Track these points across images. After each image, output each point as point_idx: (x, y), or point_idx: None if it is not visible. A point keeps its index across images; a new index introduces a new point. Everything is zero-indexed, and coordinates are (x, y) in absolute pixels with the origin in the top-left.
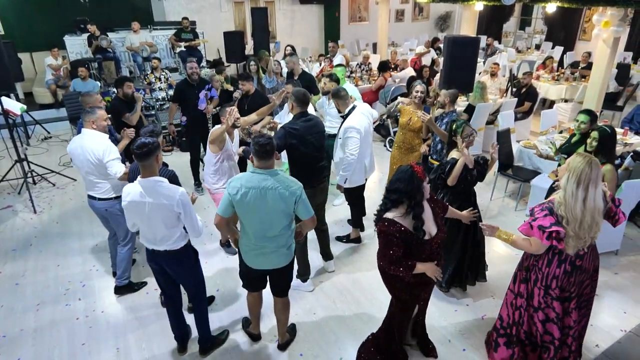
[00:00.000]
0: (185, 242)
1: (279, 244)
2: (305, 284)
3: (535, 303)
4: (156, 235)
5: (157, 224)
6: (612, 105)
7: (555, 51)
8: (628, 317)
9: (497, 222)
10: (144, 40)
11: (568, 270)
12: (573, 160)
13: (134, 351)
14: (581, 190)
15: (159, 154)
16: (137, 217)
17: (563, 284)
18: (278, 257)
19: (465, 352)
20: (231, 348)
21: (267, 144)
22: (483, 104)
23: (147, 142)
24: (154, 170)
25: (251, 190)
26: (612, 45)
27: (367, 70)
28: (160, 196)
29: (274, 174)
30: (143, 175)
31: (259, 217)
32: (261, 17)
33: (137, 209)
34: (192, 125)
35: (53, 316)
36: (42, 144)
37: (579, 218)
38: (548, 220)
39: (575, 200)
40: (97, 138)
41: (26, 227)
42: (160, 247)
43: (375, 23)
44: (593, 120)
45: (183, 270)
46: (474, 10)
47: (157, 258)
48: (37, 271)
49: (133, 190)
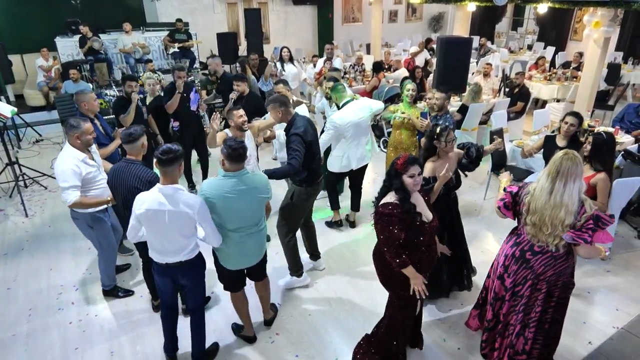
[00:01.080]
0: (198, 251)
1: (257, 239)
2: (301, 279)
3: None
4: (172, 246)
5: (174, 233)
6: (603, 104)
7: (547, 51)
8: (620, 314)
9: (490, 222)
10: (137, 41)
11: (516, 255)
12: (557, 154)
13: (128, 355)
14: (549, 182)
15: (182, 162)
16: (152, 227)
17: (507, 265)
18: (255, 254)
19: (459, 351)
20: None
21: (240, 148)
22: (476, 104)
23: (172, 148)
24: (175, 178)
25: (226, 194)
26: (602, 46)
27: (361, 71)
28: (181, 204)
29: (243, 174)
30: (164, 182)
31: (240, 217)
32: (254, 19)
33: (156, 217)
34: (185, 126)
35: (46, 320)
36: (34, 146)
37: (539, 210)
38: (509, 192)
39: (541, 190)
40: (68, 158)
41: (18, 230)
42: (175, 259)
43: (369, 24)
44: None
45: (196, 279)
46: (466, 11)
47: (171, 271)
48: (29, 275)
49: (150, 198)
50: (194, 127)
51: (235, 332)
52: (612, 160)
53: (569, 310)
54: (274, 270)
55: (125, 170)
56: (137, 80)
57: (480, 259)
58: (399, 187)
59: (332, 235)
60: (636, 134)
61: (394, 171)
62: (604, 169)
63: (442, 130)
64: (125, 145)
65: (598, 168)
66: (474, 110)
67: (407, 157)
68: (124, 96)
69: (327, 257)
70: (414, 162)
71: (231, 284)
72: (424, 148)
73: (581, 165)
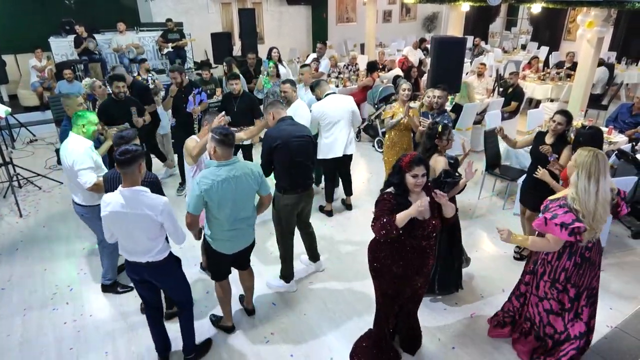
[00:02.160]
0: (167, 253)
1: (249, 223)
2: (288, 285)
3: (541, 293)
4: (137, 247)
5: (138, 235)
6: (597, 104)
7: (540, 51)
8: (614, 312)
9: (485, 221)
10: (131, 41)
11: (578, 262)
12: (579, 156)
13: (122, 355)
14: (593, 184)
15: (142, 162)
16: (117, 228)
17: (572, 276)
18: (246, 237)
19: (454, 350)
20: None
21: (230, 134)
22: (470, 104)
23: (130, 149)
24: (136, 179)
25: (224, 182)
26: (596, 45)
27: (355, 71)
28: (143, 206)
29: (235, 161)
30: (124, 185)
31: (233, 203)
32: (249, 18)
33: (118, 219)
34: (180, 128)
35: (40, 321)
36: (28, 147)
37: (592, 211)
38: (569, 217)
39: (588, 194)
40: (76, 145)
41: (12, 231)
42: (142, 259)
43: (363, 24)
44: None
45: (168, 280)
46: (460, 11)
47: (139, 269)
48: (23, 276)
49: (114, 200)
50: (187, 127)
51: (214, 324)
52: None
53: None
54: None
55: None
56: (125, 80)
57: (475, 257)
58: (396, 183)
59: (329, 236)
60: (629, 133)
61: (398, 167)
62: None
63: (444, 128)
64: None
65: None
66: (468, 109)
67: (413, 157)
68: (112, 96)
69: (322, 258)
70: (419, 163)
71: (219, 273)
72: (424, 147)
73: (606, 160)
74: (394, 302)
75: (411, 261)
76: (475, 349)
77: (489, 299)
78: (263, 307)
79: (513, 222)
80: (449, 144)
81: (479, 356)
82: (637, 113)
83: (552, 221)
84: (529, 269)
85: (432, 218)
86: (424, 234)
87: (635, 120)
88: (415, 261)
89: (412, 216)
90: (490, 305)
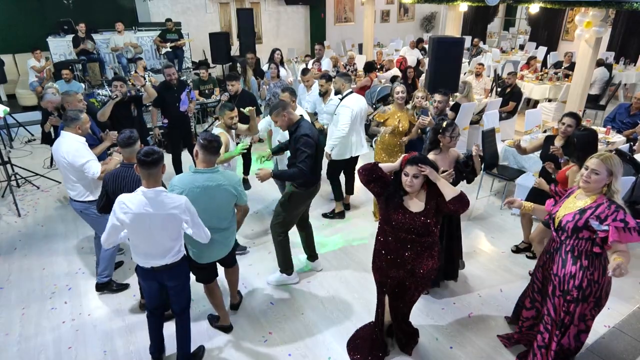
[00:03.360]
0: (183, 253)
1: (224, 236)
2: (291, 277)
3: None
4: (157, 249)
5: (160, 237)
6: (595, 104)
7: (538, 51)
8: (611, 312)
9: (483, 221)
10: (129, 41)
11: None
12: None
13: (121, 354)
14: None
15: (164, 164)
16: (138, 231)
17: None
18: (221, 248)
19: (452, 350)
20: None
21: (215, 141)
22: (468, 104)
23: (156, 149)
24: (159, 180)
25: (198, 189)
26: (594, 46)
27: (353, 70)
28: (167, 206)
29: (215, 171)
30: (147, 185)
31: (205, 212)
32: (247, 19)
33: (139, 221)
34: (173, 127)
35: (39, 320)
36: (26, 146)
37: None
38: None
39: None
40: (73, 141)
41: (10, 230)
42: (161, 262)
43: (361, 24)
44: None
45: (181, 282)
46: (458, 11)
47: (157, 275)
48: (22, 275)
49: (137, 201)
50: (182, 127)
51: (211, 323)
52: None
53: None
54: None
55: (126, 175)
56: (125, 80)
57: (473, 257)
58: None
59: (326, 236)
60: (627, 133)
61: (401, 161)
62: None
63: (448, 125)
64: (124, 149)
65: (574, 161)
66: (465, 109)
67: (410, 156)
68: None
69: (320, 257)
70: (412, 163)
71: (204, 276)
72: (429, 141)
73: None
74: (380, 288)
75: (390, 251)
76: (473, 348)
77: (487, 299)
78: (261, 306)
79: (511, 221)
80: (452, 141)
81: (477, 356)
82: (635, 113)
83: (624, 229)
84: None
85: (423, 214)
86: (405, 226)
87: (633, 120)
88: (393, 252)
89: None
90: (488, 305)
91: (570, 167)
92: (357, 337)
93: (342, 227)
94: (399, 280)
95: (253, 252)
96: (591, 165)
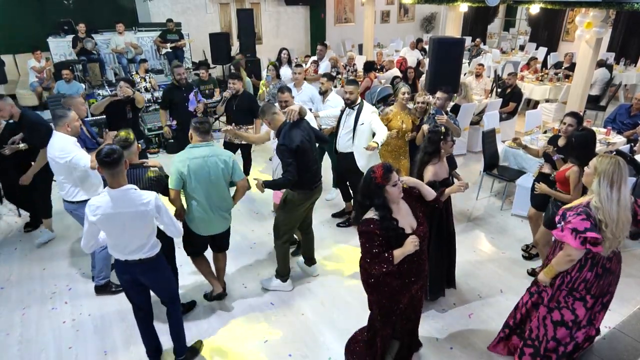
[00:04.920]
0: (158, 249)
1: (223, 210)
2: (285, 284)
3: (553, 303)
4: (131, 245)
5: (133, 233)
6: (595, 105)
7: (539, 52)
8: (612, 314)
9: (483, 222)
10: (129, 41)
11: (599, 273)
12: (600, 163)
13: (121, 354)
14: (615, 192)
15: (126, 162)
16: (111, 229)
17: (592, 287)
18: (221, 222)
19: (452, 351)
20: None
21: (206, 122)
22: (468, 104)
23: (115, 148)
24: (123, 179)
25: (197, 159)
26: (594, 46)
27: (353, 71)
28: (136, 203)
29: (209, 144)
30: (113, 185)
31: (206, 182)
32: (247, 19)
33: (111, 221)
34: (182, 128)
35: (39, 320)
36: None
37: (615, 219)
38: (583, 225)
39: (610, 202)
40: (61, 140)
41: (11, 230)
42: (135, 257)
43: (361, 24)
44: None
45: (158, 277)
46: (458, 12)
47: (131, 268)
48: (22, 275)
49: (103, 203)
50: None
51: (208, 298)
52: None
53: None
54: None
55: (128, 176)
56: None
57: (473, 259)
58: (381, 205)
59: (327, 237)
60: (628, 134)
61: (374, 186)
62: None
63: (447, 130)
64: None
65: (573, 161)
66: (464, 110)
67: (383, 167)
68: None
69: (321, 258)
70: (391, 170)
71: (196, 250)
72: (425, 152)
73: (626, 167)
74: (392, 312)
75: (408, 270)
76: (473, 350)
77: (487, 300)
78: (261, 307)
79: (511, 222)
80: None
81: (477, 357)
82: (635, 114)
83: (566, 227)
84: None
85: (419, 224)
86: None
87: (634, 121)
88: (412, 269)
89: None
90: (488, 306)
91: (571, 168)
92: (355, 340)
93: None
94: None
95: (253, 253)
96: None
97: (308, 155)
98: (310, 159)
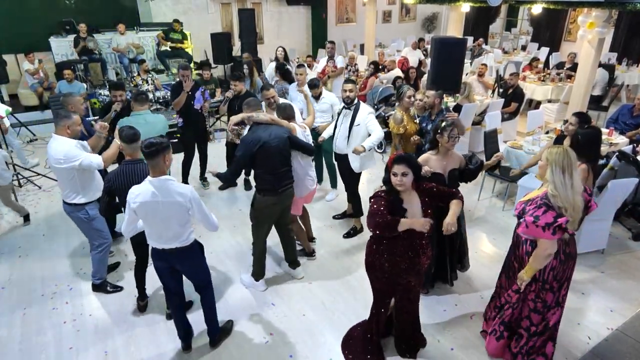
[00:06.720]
0: (193, 238)
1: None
2: (257, 283)
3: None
4: (167, 234)
5: (170, 222)
6: (598, 105)
7: (541, 52)
8: (615, 315)
9: (485, 222)
10: (131, 41)
11: (563, 259)
12: (550, 154)
13: (122, 354)
14: (567, 178)
15: (168, 153)
16: (149, 217)
17: (558, 273)
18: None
19: (453, 352)
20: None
21: (143, 94)
22: (469, 104)
23: (154, 141)
24: (162, 169)
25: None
26: (597, 46)
27: (354, 71)
28: (173, 194)
29: (146, 112)
30: (153, 174)
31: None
32: (248, 19)
33: (150, 209)
34: (188, 126)
35: (40, 320)
36: (28, 146)
37: (572, 203)
38: (550, 215)
39: (565, 187)
40: (63, 144)
41: (12, 230)
42: (172, 245)
43: (363, 24)
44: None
45: (193, 264)
46: (460, 12)
47: (168, 256)
48: (23, 275)
49: (144, 191)
50: (196, 125)
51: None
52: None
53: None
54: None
55: (133, 172)
56: (124, 89)
57: (474, 259)
58: (386, 180)
59: (327, 237)
60: (630, 134)
61: (387, 166)
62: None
63: (447, 125)
64: (129, 145)
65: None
66: (466, 110)
67: (395, 156)
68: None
69: (321, 258)
70: (399, 161)
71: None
72: (428, 140)
73: (574, 155)
74: (385, 296)
75: (403, 259)
76: (475, 350)
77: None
78: (262, 307)
79: (513, 223)
80: (450, 142)
81: (478, 358)
82: (637, 114)
83: (534, 224)
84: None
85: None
86: (419, 233)
87: (636, 121)
88: (407, 259)
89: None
90: None
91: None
92: (350, 337)
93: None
94: (411, 284)
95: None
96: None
97: (273, 158)
98: (275, 162)
